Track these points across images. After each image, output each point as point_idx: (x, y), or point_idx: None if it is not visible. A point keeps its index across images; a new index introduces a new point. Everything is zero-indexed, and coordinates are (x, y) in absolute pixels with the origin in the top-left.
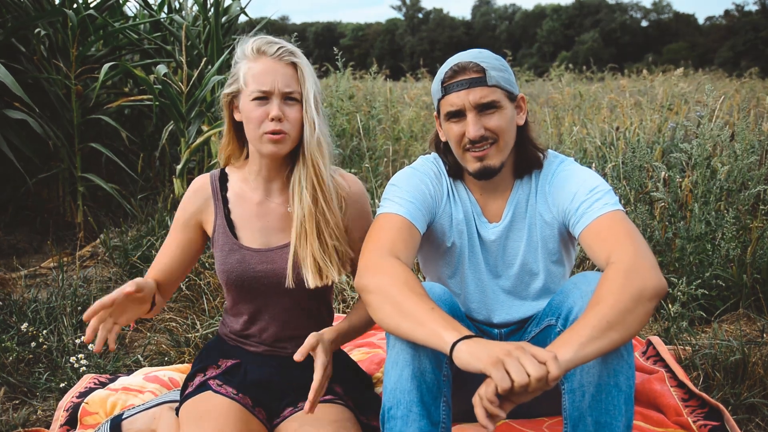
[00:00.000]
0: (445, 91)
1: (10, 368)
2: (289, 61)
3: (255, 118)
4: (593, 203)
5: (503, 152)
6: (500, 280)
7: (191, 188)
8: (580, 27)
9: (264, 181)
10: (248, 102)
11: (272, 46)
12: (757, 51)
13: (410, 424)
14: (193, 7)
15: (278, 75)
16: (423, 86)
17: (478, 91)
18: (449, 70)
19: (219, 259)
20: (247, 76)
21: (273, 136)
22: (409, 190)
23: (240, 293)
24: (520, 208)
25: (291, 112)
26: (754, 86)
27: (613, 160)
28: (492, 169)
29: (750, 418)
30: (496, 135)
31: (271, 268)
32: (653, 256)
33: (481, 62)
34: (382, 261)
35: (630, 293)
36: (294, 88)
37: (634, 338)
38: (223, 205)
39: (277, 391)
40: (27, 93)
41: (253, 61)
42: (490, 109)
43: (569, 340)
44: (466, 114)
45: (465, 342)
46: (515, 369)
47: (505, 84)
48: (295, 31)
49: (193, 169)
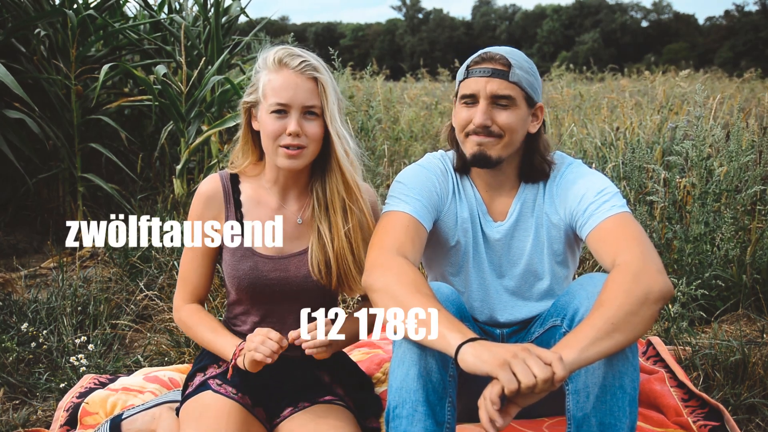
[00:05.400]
0: (467, 74)
1: (10, 368)
2: (311, 75)
3: (272, 132)
4: (601, 205)
5: (506, 149)
6: (504, 279)
7: (202, 196)
8: (580, 27)
9: (281, 189)
10: (266, 114)
11: (295, 59)
12: (757, 51)
13: (415, 424)
14: (193, 7)
15: (299, 89)
16: (423, 86)
17: (497, 82)
18: (477, 56)
19: (230, 264)
20: (266, 87)
21: (289, 151)
22: (415, 187)
23: (250, 298)
24: (526, 207)
25: (310, 127)
26: (754, 86)
27: (612, 160)
28: (488, 158)
29: (750, 418)
30: (503, 131)
31: (284, 276)
32: (659, 259)
33: (510, 58)
34: (389, 260)
35: (636, 295)
36: (314, 103)
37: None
38: (236, 209)
39: (277, 391)
40: (27, 93)
41: (274, 73)
42: (503, 103)
43: (574, 341)
44: (479, 101)
45: (470, 345)
46: (522, 370)
47: (527, 86)
48: (295, 32)
49: (193, 169)
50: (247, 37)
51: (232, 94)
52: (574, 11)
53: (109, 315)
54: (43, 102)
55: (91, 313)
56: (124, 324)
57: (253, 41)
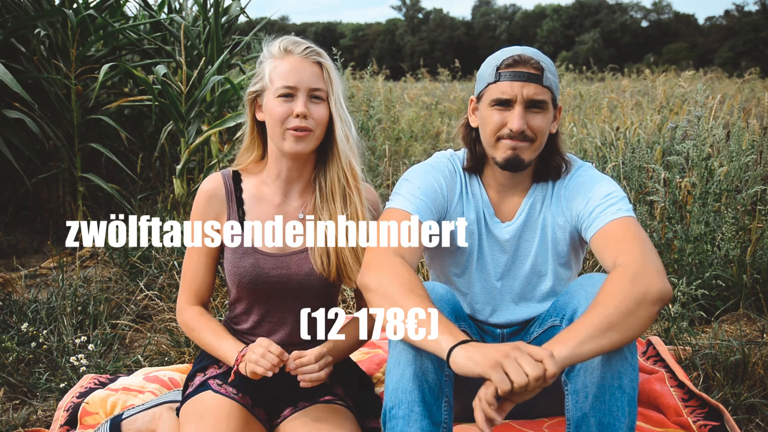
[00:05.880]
0: (498, 77)
1: (10, 368)
2: (316, 60)
3: (279, 114)
4: (606, 208)
5: (536, 152)
6: (508, 280)
7: (204, 195)
8: (580, 27)
9: (284, 183)
10: (273, 99)
11: (299, 46)
12: (757, 51)
13: (411, 424)
14: (193, 7)
15: (305, 73)
16: (423, 86)
17: (533, 87)
18: (509, 59)
19: (231, 261)
20: (272, 74)
21: (297, 132)
22: (420, 186)
23: (251, 296)
24: (534, 209)
25: (316, 110)
26: (754, 86)
27: (612, 160)
28: (521, 162)
29: (750, 418)
30: (535, 135)
31: (285, 274)
32: (660, 262)
33: (541, 61)
34: (385, 259)
35: (633, 295)
36: (320, 86)
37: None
38: (238, 206)
39: (278, 392)
40: (27, 93)
41: (280, 60)
42: (538, 107)
43: (567, 337)
44: (514, 105)
45: (461, 347)
46: (513, 370)
47: (555, 89)
48: (295, 32)
49: (193, 169)
50: (247, 37)
51: (232, 94)
52: (574, 11)
53: (109, 315)
54: (43, 102)
55: (91, 313)
56: (124, 324)
57: (253, 41)
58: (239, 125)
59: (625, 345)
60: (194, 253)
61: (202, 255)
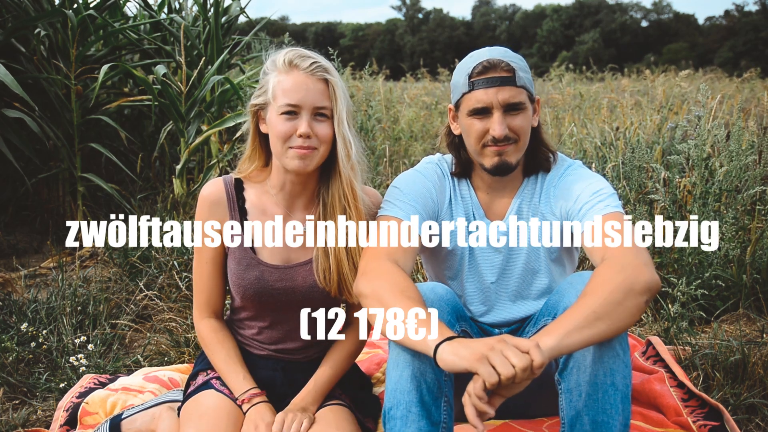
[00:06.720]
0: (472, 87)
1: (10, 368)
2: (322, 77)
3: (282, 133)
4: (595, 205)
5: (521, 151)
6: (503, 279)
7: (206, 201)
8: (580, 27)
9: (287, 196)
10: (276, 116)
11: (305, 60)
12: (757, 51)
13: (409, 425)
14: (193, 7)
15: (309, 90)
16: (423, 86)
17: (508, 90)
18: (479, 66)
19: (235, 272)
20: (276, 89)
21: (300, 150)
22: (411, 193)
23: (255, 307)
24: (524, 207)
25: (320, 128)
26: (754, 86)
27: (612, 160)
28: (509, 166)
29: (750, 418)
30: (518, 135)
31: (290, 286)
32: (648, 255)
33: (510, 62)
34: (378, 266)
35: (620, 286)
36: (325, 104)
37: (633, 338)
38: (241, 216)
39: (279, 393)
40: (27, 93)
41: (284, 74)
42: (516, 109)
43: (554, 328)
44: (492, 112)
45: (447, 343)
46: (500, 362)
47: (529, 86)
48: (295, 32)
49: (193, 168)
50: (246, 37)
51: (232, 93)
52: (574, 11)
53: (109, 315)
54: (43, 102)
55: (90, 313)
56: (124, 324)
57: (253, 41)
58: (239, 125)
59: (614, 336)
60: (201, 261)
61: (208, 263)
